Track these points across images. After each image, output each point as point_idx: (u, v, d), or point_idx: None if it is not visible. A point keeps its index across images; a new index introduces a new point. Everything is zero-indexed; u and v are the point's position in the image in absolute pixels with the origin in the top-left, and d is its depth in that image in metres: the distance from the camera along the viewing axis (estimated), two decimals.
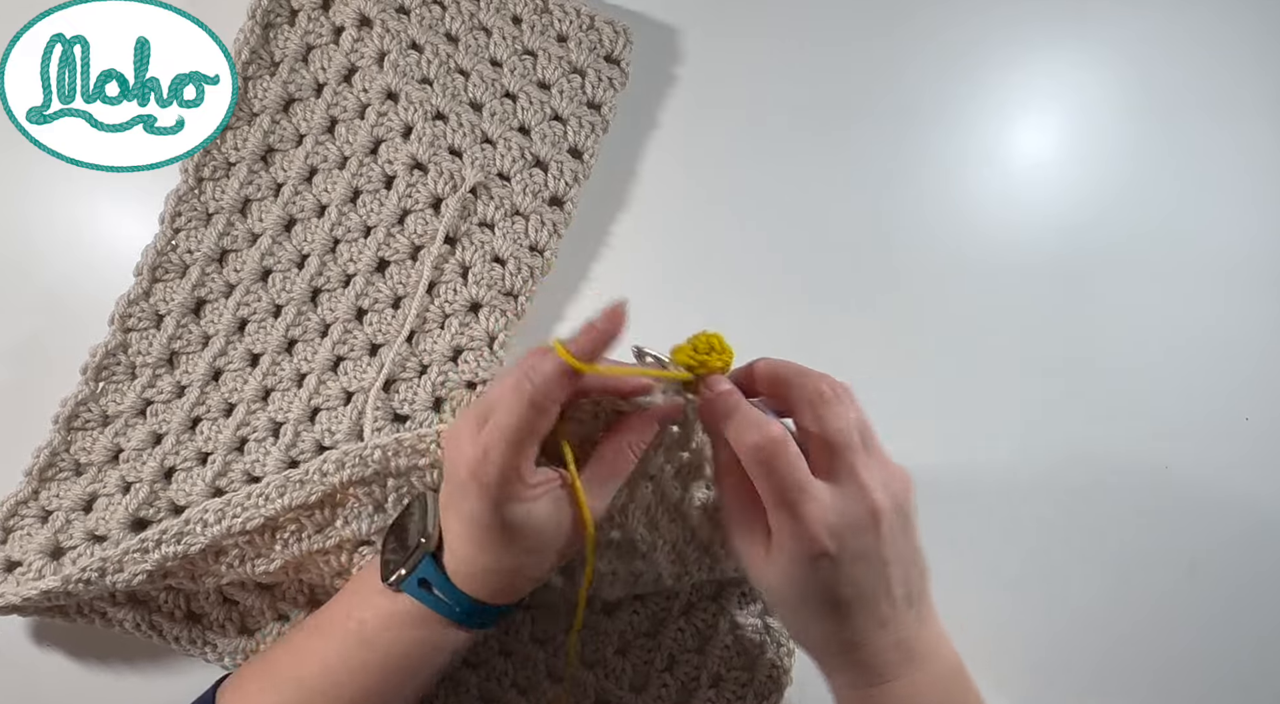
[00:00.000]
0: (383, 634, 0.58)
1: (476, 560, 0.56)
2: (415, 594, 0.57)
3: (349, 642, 0.58)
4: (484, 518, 0.54)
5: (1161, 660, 0.76)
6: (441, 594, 0.57)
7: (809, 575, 0.52)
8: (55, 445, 0.68)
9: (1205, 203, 0.81)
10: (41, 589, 0.63)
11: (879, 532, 0.52)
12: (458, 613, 0.57)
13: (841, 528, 0.51)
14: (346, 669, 0.57)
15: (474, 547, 0.56)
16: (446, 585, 0.57)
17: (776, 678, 0.71)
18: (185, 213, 0.72)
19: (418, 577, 0.57)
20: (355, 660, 0.57)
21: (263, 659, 0.62)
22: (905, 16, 0.82)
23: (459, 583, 0.57)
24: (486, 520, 0.54)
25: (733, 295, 0.77)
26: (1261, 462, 0.78)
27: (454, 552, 0.57)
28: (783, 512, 0.52)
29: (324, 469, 0.63)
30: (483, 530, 0.55)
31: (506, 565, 0.56)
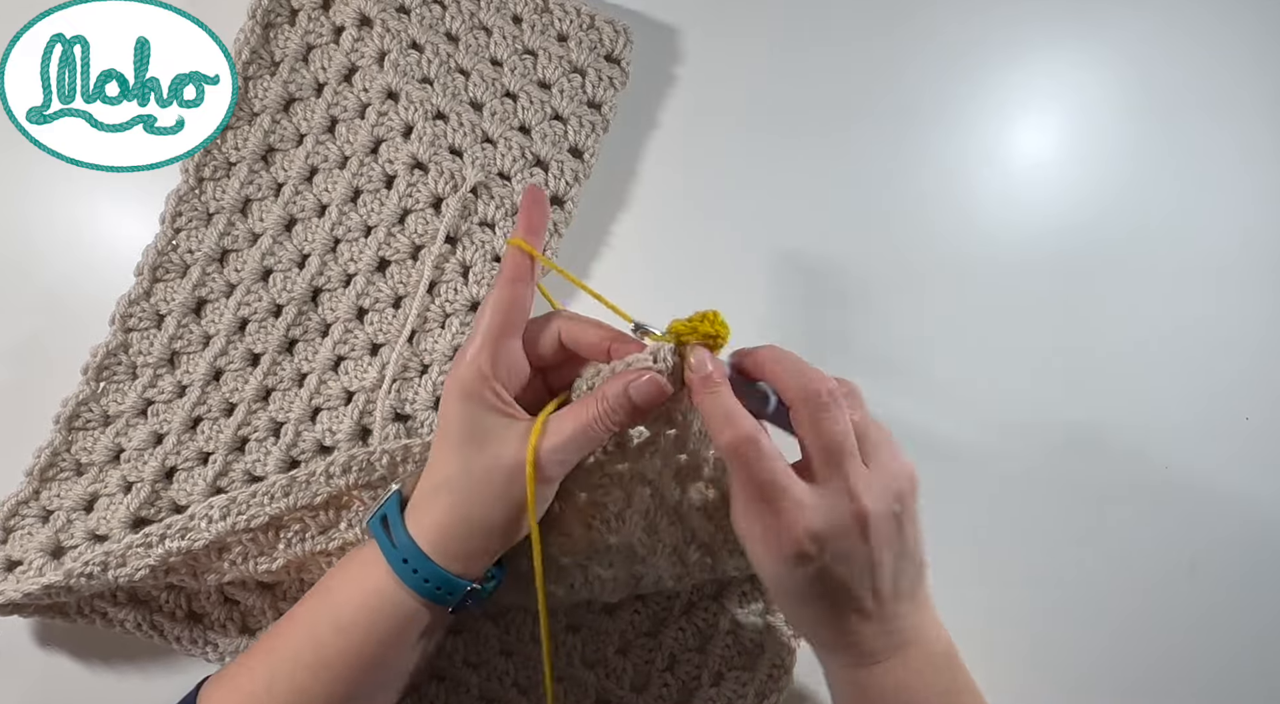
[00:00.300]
0: (345, 605, 0.57)
1: (427, 477, 0.58)
2: (374, 530, 0.58)
3: (315, 603, 0.59)
4: (451, 412, 0.56)
5: (1161, 660, 0.76)
6: (394, 535, 0.57)
7: (792, 571, 0.53)
8: (56, 445, 0.68)
9: (1205, 202, 0.81)
10: (44, 583, 0.63)
11: (865, 535, 0.52)
12: (403, 563, 0.56)
13: (824, 531, 0.52)
14: (309, 632, 0.57)
15: (436, 450, 0.58)
16: (398, 522, 0.57)
17: (777, 677, 0.71)
18: (186, 213, 0.72)
19: (381, 513, 0.58)
20: (316, 621, 0.57)
21: (245, 652, 0.61)
22: (905, 16, 0.82)
23: (411, 524, 0.57)
24: (452, 413, 0.56)
25: (733, 295, 0.77)
26: (1261, 462, 0.78)
27: (420, 482, 0.59)
28: (764, 507, 0.53)
29: (330, 471, 0.64)
30: (445, 428, 0.57)
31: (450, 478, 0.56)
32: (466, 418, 0.56)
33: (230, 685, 0.58)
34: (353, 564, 0.59)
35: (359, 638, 0.56)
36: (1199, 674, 0.76)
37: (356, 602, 0.57)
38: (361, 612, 0.57)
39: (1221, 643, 0.77)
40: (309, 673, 0.56)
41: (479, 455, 0.56)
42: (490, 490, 0.56)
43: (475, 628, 0.70)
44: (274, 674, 0.56)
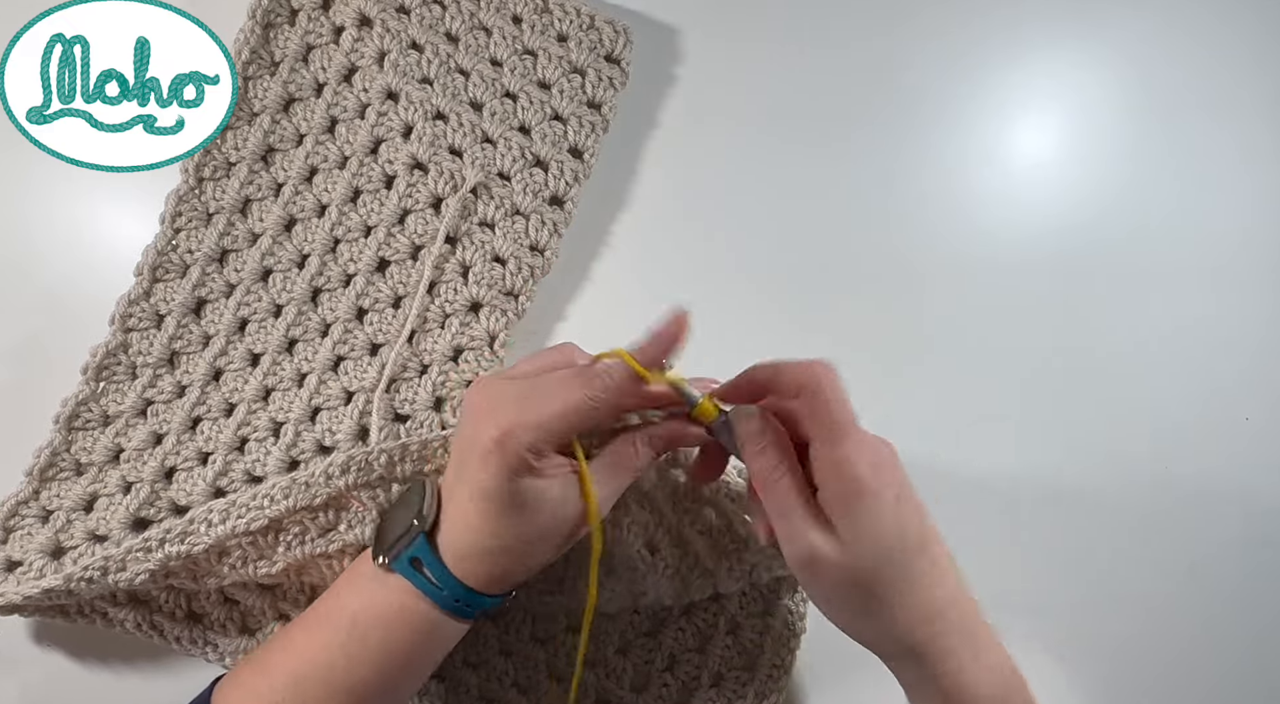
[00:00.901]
0: (374, 624, 0.57)
1: (476, 536, 0.56)
2: (405, 572, 0.57)
3: (340, 634, 0.57)
4: (498, 488, 0.54)
5: (1161, 660, 0.76)
6: (431, 574, 0.56)
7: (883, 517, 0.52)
8: (56, 445, 0.68)
9: (1205, 202, 0.81)
10: (44, 587, 0.63)
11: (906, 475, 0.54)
12: (446, 597, 0.56)
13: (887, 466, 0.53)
14: (338, 662, 0.57)
15: (479, 518, 0.55)
16: (437, 565, 0.56)
17: (777, 677, 0.71)
18: (186, 213, 0.72)
19: (410, 554, 0.57)
20: (347, 653, 0.57)
21: (259, 655, 0.61)
22: (906, 16, 0.82)
23: (450, 564, 0.56)
24: (500, 491, 0.54)
25: (733, 295, 0.77)
26: (1261, 462, 0.78)
27: (453, 527, 0.57)
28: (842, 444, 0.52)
29: (329, 472, 0.64)
30: (492, 502, 0.55)
31: (505, 544, 0.56)
32: (515, 491, 0.54)
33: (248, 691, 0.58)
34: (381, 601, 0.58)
35: (395, 661, 0.57)
36: (1199, 674, 0.76)
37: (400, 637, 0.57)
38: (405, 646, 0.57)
39: (1221, 643, 0.77)
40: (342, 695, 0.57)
41: (533, 523, 0.56)
42: (547, 548, 0.57)
43: (475, 628, 0.70)
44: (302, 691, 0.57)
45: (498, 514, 0.55)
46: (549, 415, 0.54)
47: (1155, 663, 0.76)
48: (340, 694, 0.57)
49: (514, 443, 0.54)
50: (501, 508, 0.55)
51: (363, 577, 0.59)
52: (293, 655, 0.58)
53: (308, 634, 0.59)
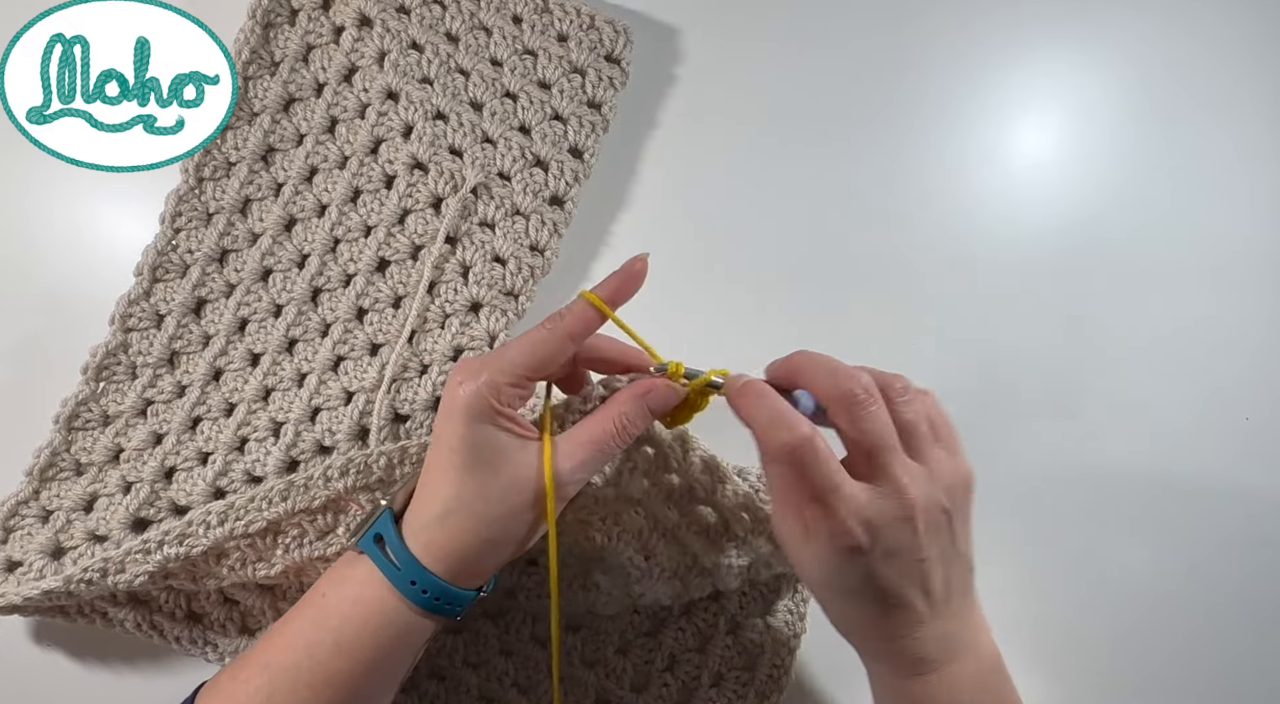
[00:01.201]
0: (344, 620, 0.56)
1: (435, 498, 0.55)
2: (369, 550, 0.56)
3: (312, 621, 0.57)
4: (460, 436, 0.54)
5: (1161, 660, 0.76)
6: (392, 554, 0.55)
7: (843, 566, 0.52)
8: (56, 445, 0.68)
9: (1204, 202, 0.81)
10: (43, 589, 0.63)
11: (914, 529, 0.52)
12: (403, 579, 0.55)
13: (875, 523, 0.51)
14: (307, 650, 0.56)
15: (439, 475, 0.55)
16: (396, 542, 0.55)
17: (777, 677, 0.71)
18: (186, 213, 0.72)
19: (374, 532, 0.57)
20: (318, 647, 0.56)
21: (243, 653, 0.61)
22: (906, 17, 0.82)
23: (409, 537, 0.55)
24: (462, 439, 0.54)
25: (733, 294, 0.77)
26: (1261, 462, 0.78)
27: (418, 497, 0.56)
28: (814, 506, 0.52)
29: (328, 474, 0.64)
30: (455, 452, 0.54)
31: (464, 504, 0.55)
32: (479, 441, 0.54)
33: (227, 696, 0.57)
34: (348, 583, 0.57)
35: (363, 657, 0.56)
36: (1199, 674, 0.76)
37: (357, 622, 0.56)
38: (365, 633, 0.56)
39: (1221, 643, 0.76)
40: (310, 690, 0.55)
41: (494, 479, 0.55)
42: (504, 513, 0.55)
43: (475, 628, 0.70)
44: (274, 688, 0.56)
45: (459, 466, 0.54)
46: (511, 352, 0.55)
47: (1155, 663, 0.76)
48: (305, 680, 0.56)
49: (476, 385, 0.54)
50: (464, 459, 0.54)
51: (342, 579, 0.58)
52: (267, 645, 0.58)
53: (283, 627, 0.58)
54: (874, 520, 0.51)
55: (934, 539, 0.53)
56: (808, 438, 0.52)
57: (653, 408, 0.57)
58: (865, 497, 0.52)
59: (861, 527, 0.51)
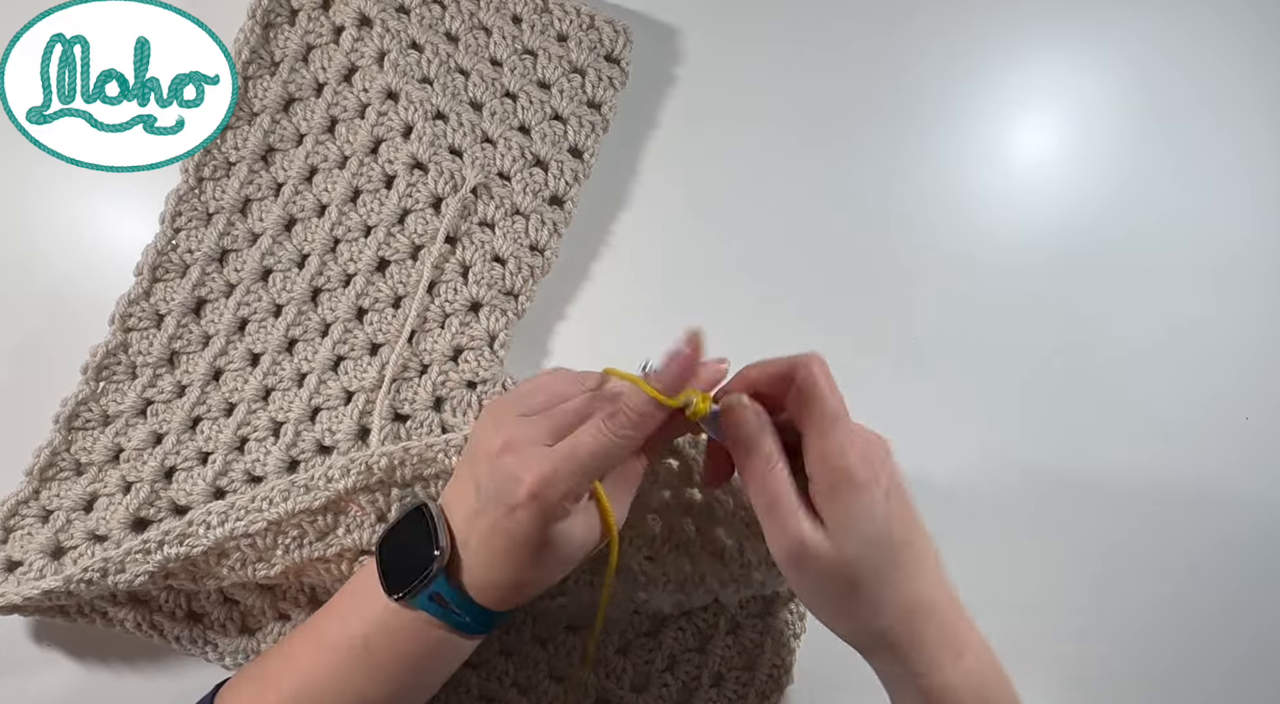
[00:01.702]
0: (386, 649, 0.56)
1: (501, 573, 0.55)
2: (427, 608, 0.55)
3: (353, 657, 0.57)
4: (530, 536, 0.52)
5: (1161, 660, 0.76)
6: (453, 605, 0.55)
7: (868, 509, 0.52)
8: (56, 445, 0.68)
9: (1205, 202, 0.81)
10: (43, 588, 0.63)
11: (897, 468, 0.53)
12: (468, 624, 0.56)
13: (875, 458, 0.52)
14: (351, 685, 0.56)
15: (504, 558, 0.54)
16: (460, 599, 0.55)
17: (777, 677, 0.71)
18: (186, 212, 0.72)
19: (430, 592, 0.55)
20: (360, 676, 0.56)
21: (262, 668, 0.60)
22: (906, 17, 0.82)
23: (475, 595, 0.55)
24: (535, 539, 0.53)
25: (733, 294, 0.77)
26: (1261, 462, 0.78)
27: (474, 563, 0.55)
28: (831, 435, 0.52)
29: (329, 475, 0.63)
30: (523, 548, 0.53)
31: (531, 578, 0.55)
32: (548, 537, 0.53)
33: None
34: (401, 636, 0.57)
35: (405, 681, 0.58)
36: (1199, 674, 0.76)
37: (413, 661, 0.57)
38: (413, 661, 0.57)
39: (1221, 643, 0.77)
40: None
41: (561, 555, 0.54)
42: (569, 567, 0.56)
43: None
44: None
45: (527, 558, 0.54)
46: (583, 462, 0.52)
47: (1155, 663, 0.76)
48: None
49: (551, 493, 0.52)
50: (531, 552, 0.53)
51: (370, 601, 0.57)
52: (300, 674, 0.58)
53: (313, 654, 0.58)
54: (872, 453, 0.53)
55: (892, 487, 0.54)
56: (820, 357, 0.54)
57: None
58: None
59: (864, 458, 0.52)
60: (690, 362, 0.53)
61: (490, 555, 0.55)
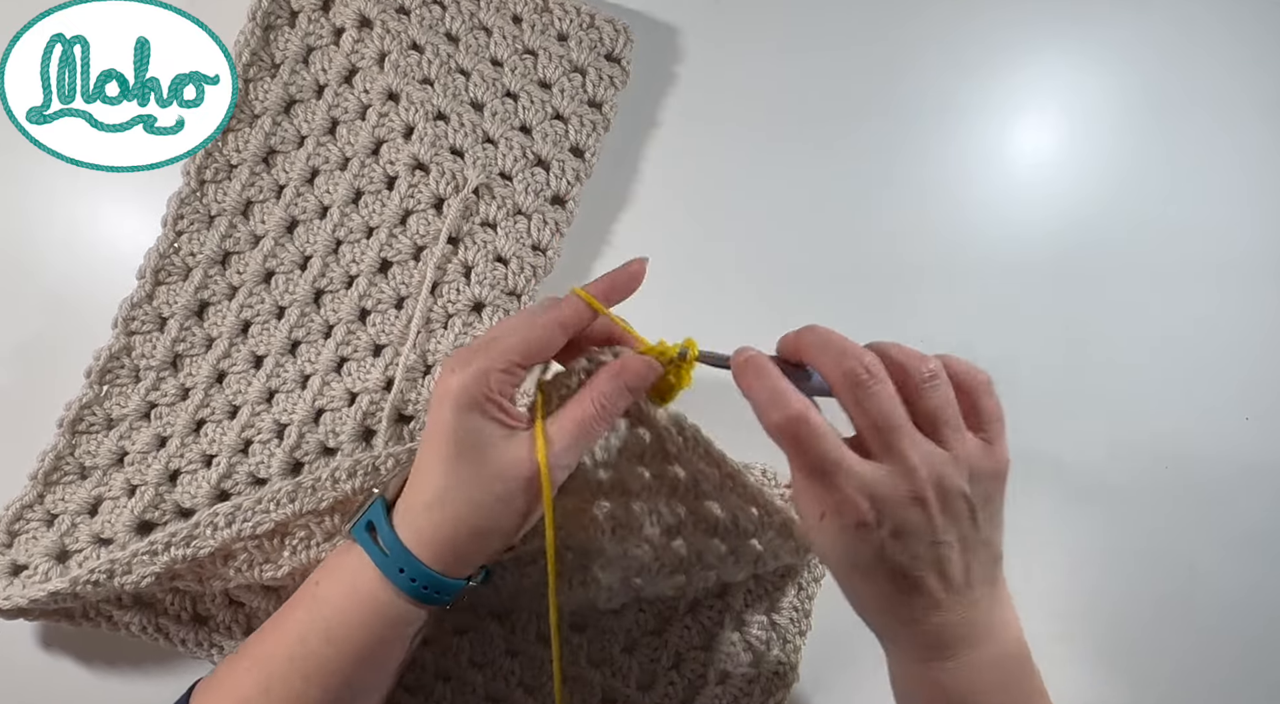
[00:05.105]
0: (336, 611, 0.56)
1: (425, 486, 0.55)
2: (360, 538, 0.56)
3: (306, 611, 0.57)
4: (449, 424, 0.54)
5: (1161, 660, 0.77)
6: (382, 541, 0.56)
7: (854, 546, 0.52)
8: (60, 449, 0.68)
9: (1204, 203, 0.82)
10: (50, 590, 0.63)
11: (926, 510, 0.51)
12: (392, 566, 0.55)
13: (881, 500, 0.51)
14: (300, 640, 0.56)
15: (428, 463, 0.55)
16: (386, 528, 0.56)
17: (783, 674, 0.71)
18: (187, 215, 0.72)
19: (364, 520, 0.57)
20: (308, 631, 0.56)
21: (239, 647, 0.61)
22: (906, 17, 0.82)
23: (399, 524, 0.56)
24: (450, 428, 0.54)
25: (733, 293, 0.77)
26: (1261, 462, 0.79)
27: (409, 486, 0.57)
28: (820, 484, 0.52)
29: (335, 476, 0.64)
30: (444, 441, 0.54)
31: (453, 492, 0.55)
32: (468, 430, 0.54)
33: (224, 690, 0.58)
34: (340, 571, 0.58)
35: (354, 645, 0.56)
36: (1199, 674, 0.77)
37: (349, 611, 0.56)
38: (355, 620, 0.56)
39: (1221, 643, 0.77)
40: (304, 681, 0.56)
41: (482, 468, 0.55)
42: (494, 502, 0.55)
43: (481, 628, 0.70)
44: (270, 680, 0.56)
45: (448, 456, 0.54)
46: (500, 342, 0.55)
47: (1155, 662, 0.77)
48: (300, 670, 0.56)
49: (466, 376, 0.54)
50: (453, 449, 0.54)
51: (335, 568, 0.59)
52: (261, 636, 0.58)
53: (277, 619, 0.59)
54: (880, 497, 0.51)
55: (951, 523, 0.52)
56: (800, 414, 0.52)
57: (630, 385, 0.57)
58: (871, 473, 0.51)
59: (867, 502, 0.51)
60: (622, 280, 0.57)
61: (417, 471, 0.56)
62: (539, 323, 0.55)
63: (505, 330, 0.56)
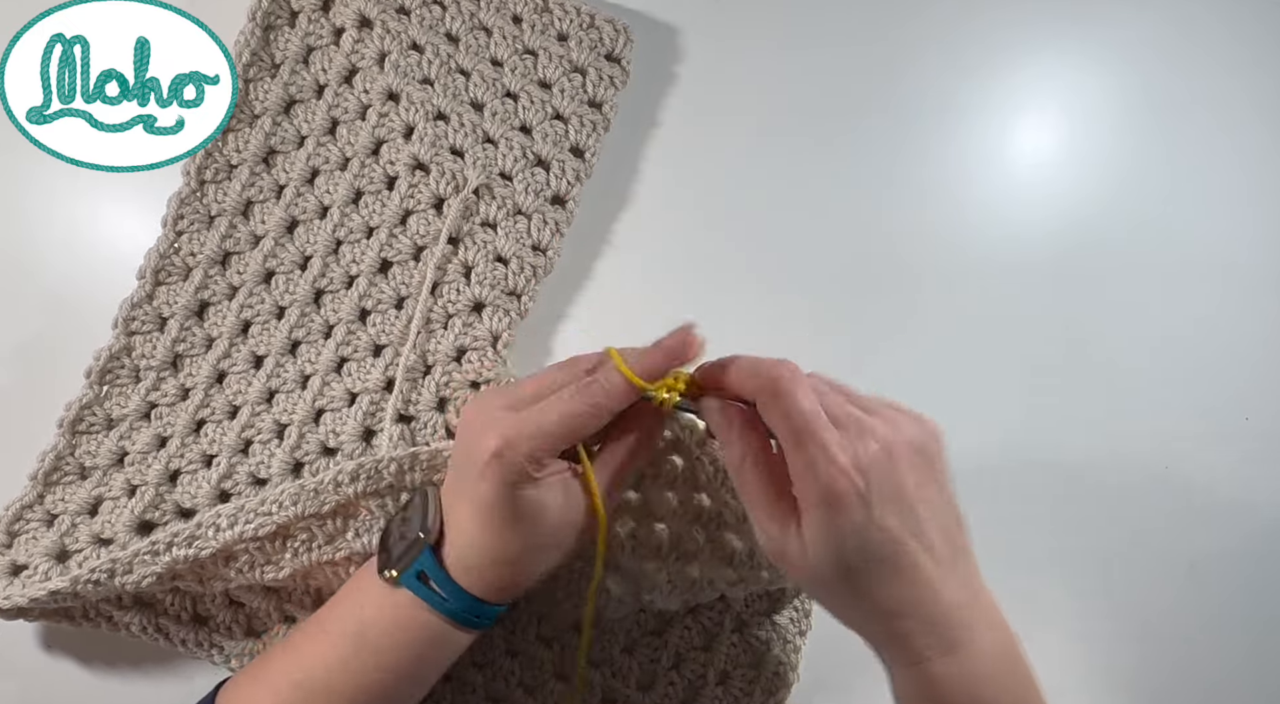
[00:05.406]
0: (382, 636, 0.57)
1: (480, 549, 0.56)
2: (412, 586, 0.57)
3: (348, 643, 0.58)
4: (497, 499, 0.54)
5: (1160, 660, 0.77)
6: (438, 587, 0.57)
7: (839, 531, 0.50)
8: (60, 449, 0.68)
9: (1205, 203, 0.82)
10: (50, 590, 0.63)
11: (899, 466, 0.51)
12: (453, 608, 0.57)
13: (863, 463, 0.50)
14: (346, 671, 0.57)
15: (481, 530, 0.56)
16: (444, 579, 0.56)
17: (783, 674, 0.71)
18: (188, 215, 0.72)
19: (415, 569, 0.57)
20: (355, 663, 0.57)
21: (264, 661, 0.61)
22: (906, 17, 0.82)
23: (457, 577, 0.57)
24: (500, 502, 0.54)
25: (733, 293, 0.77)
26: (1261, 462, 0.79)
27: (458, 538, 0.57)
28: (804, 449, 0.51)
29: (338, 479, 0.64)
30: (494, 514, 0.55)
31: (510, 554, 0.56)
32: (517, 502, 0.55)
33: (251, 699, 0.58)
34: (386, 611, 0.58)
35: (403, 671, 0.58)
36: (1199, 674, 0.77)
37: (401, 644, 0.57)
38: (406, 652, 0.58)
39: (1221, 643, 0.77)
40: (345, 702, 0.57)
41: (538, 529, 0.56)
42: (554, 554, 0.58)
43: None
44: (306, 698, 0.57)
45: (500, 526, 0.55)
46: (547, 423, 0.54)
47: (1155, 662, 0.77)
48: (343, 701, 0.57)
49: (512, 453, 0.54)
50: (504, 520, 0.55)
51: (369, 588, 0.59)
52: (297, 663, 0.59)
53: (313, 643, 0.59)
54: (861, 459, 0.50)
55: (920, 481, 0.52)
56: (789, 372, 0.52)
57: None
58: (843, 437, 0.51)
59: (854, 466, 0.50)
60: (675, 352, 0.55)
61: (467, 531, 0.56)
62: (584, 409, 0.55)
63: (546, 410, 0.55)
